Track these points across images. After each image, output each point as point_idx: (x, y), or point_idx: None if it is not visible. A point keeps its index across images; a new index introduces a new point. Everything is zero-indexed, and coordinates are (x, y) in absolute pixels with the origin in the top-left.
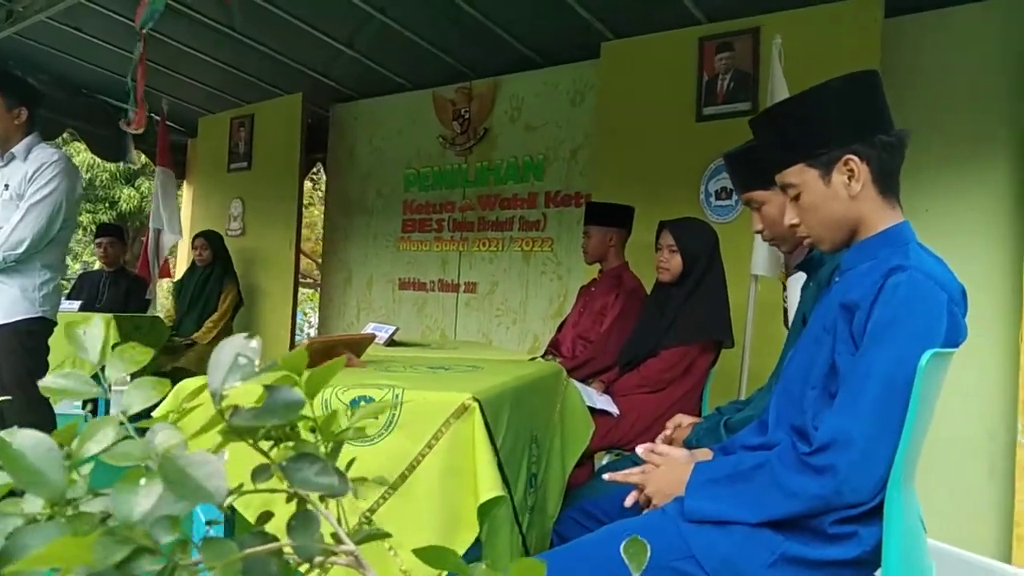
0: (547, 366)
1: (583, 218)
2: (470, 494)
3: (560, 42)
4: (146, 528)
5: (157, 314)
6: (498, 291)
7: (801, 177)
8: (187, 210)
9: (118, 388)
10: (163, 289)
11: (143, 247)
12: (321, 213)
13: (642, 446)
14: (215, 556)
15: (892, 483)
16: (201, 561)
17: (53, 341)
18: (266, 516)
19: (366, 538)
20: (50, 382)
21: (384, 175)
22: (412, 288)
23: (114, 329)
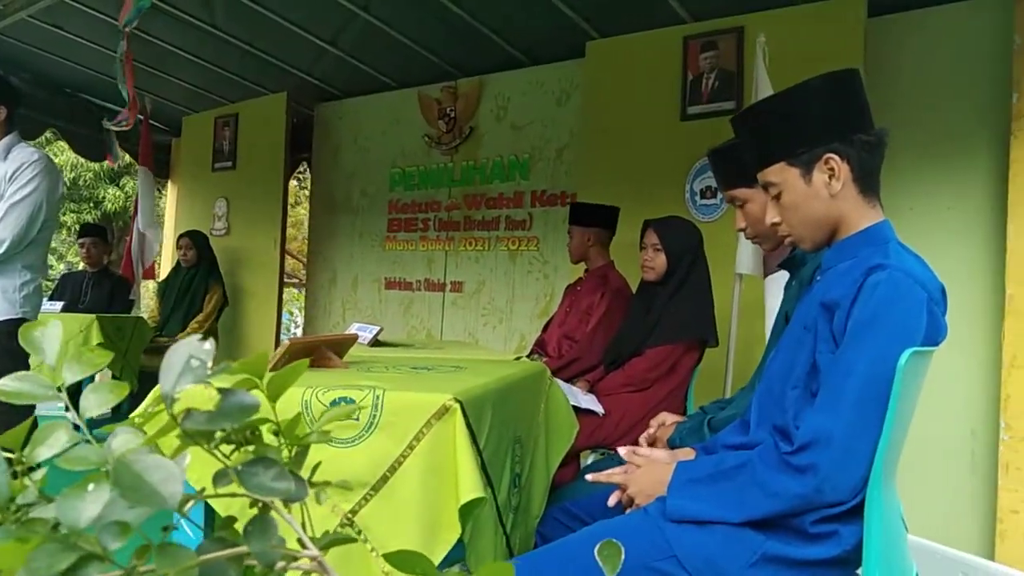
0: (531, 366)
1: (568, 218)
2: (452, 495)
3: (546, 41)
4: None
5: (141, 315)
6: (484, 291)
7: (782, 176)
8: (171, 210)
9: None
10: (148, 290)
11: (127, 247)
12: (308, 212)
13: (624, 448)
14: (170, 562)
15: (873, 482)
16: (155, 568)
17: None
18: (230, 520)
19: (331, 543)
20: (3, 385)
21: (369, 174)
22: (398, 288)
23: (96, 330)
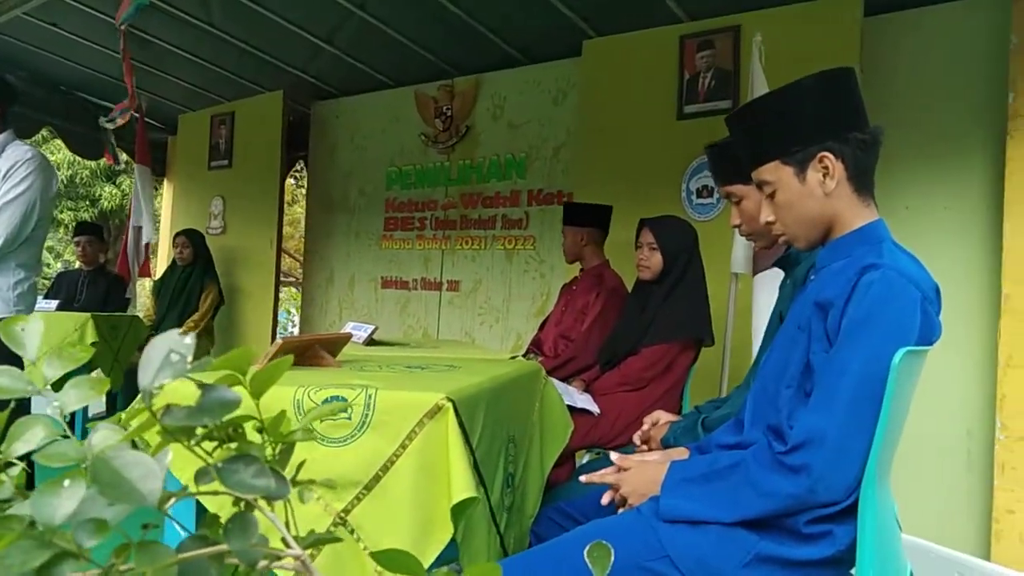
0: (525, 365)
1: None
2: (445, 495)
3: (543, 40)
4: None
5: (137, 313)
6: (481, 290)
7: (776, 175)
8: (167, 208)
9: None
10: (144, 288)
11: (123, 245)
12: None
13: (616, 455)
14: (149, 560)
15: (867, 481)
16: (133, 567)
17: None
18: (214, 519)
19: (314, 542)
20: None
21: (366, 173)
22: (394, 287)
23: (91, 328)
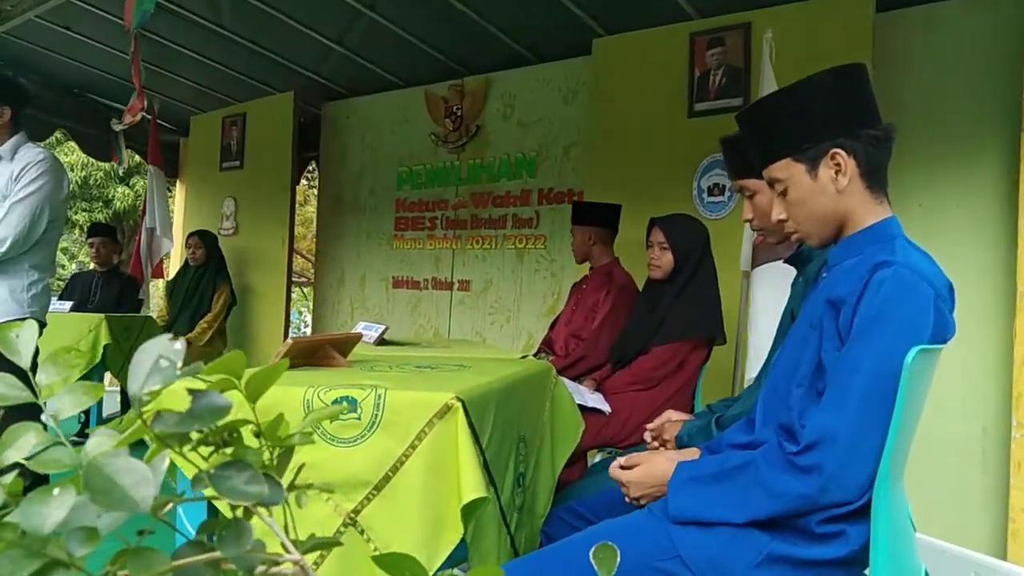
0: (536, 364)
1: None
2: (454, 495)
3: (552, 39)
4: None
5: (150, 314)
6: (492, 289)
7: (788, 172)
8: (179, 209)
9: (110, 389)
10: (158, 288)
11: (136, 246)
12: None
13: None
14: (143, 566)
15: (880, 481)
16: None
17: (42, 343)
18: (212, 524)
19: (313, 546)
20: None
21: (377, 173)
22: (406, 286)
23: (105, 330)
